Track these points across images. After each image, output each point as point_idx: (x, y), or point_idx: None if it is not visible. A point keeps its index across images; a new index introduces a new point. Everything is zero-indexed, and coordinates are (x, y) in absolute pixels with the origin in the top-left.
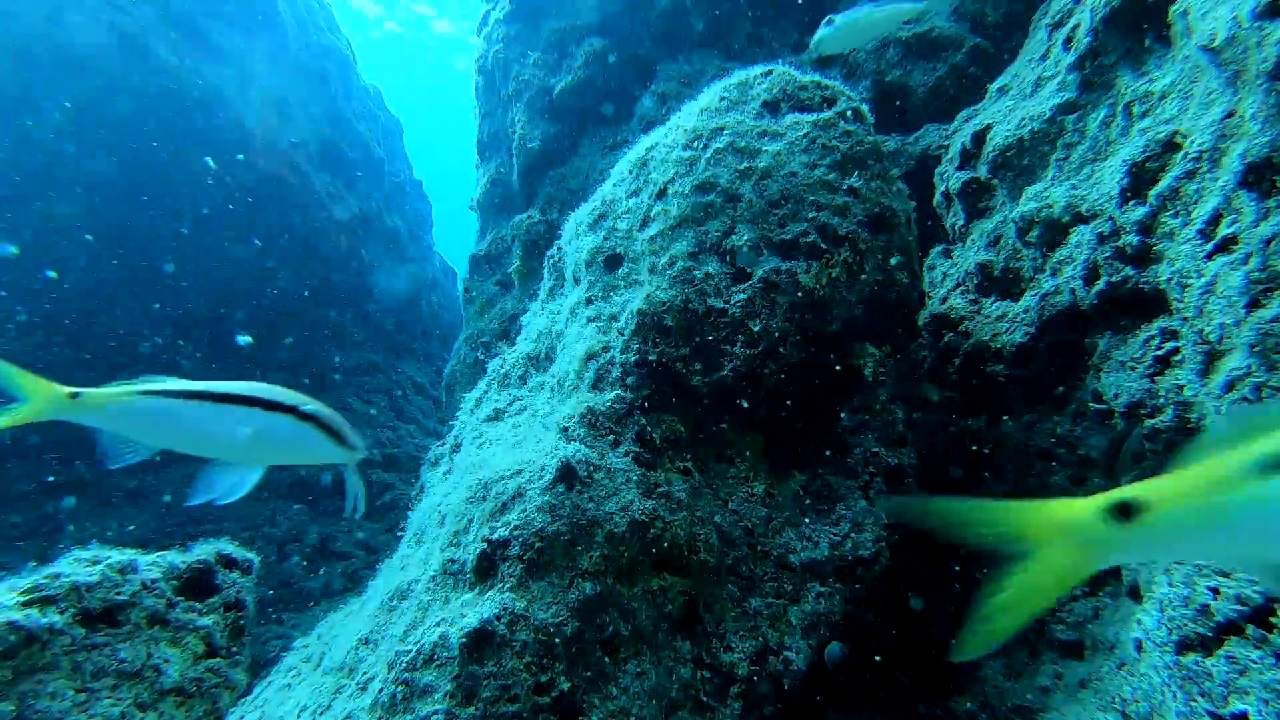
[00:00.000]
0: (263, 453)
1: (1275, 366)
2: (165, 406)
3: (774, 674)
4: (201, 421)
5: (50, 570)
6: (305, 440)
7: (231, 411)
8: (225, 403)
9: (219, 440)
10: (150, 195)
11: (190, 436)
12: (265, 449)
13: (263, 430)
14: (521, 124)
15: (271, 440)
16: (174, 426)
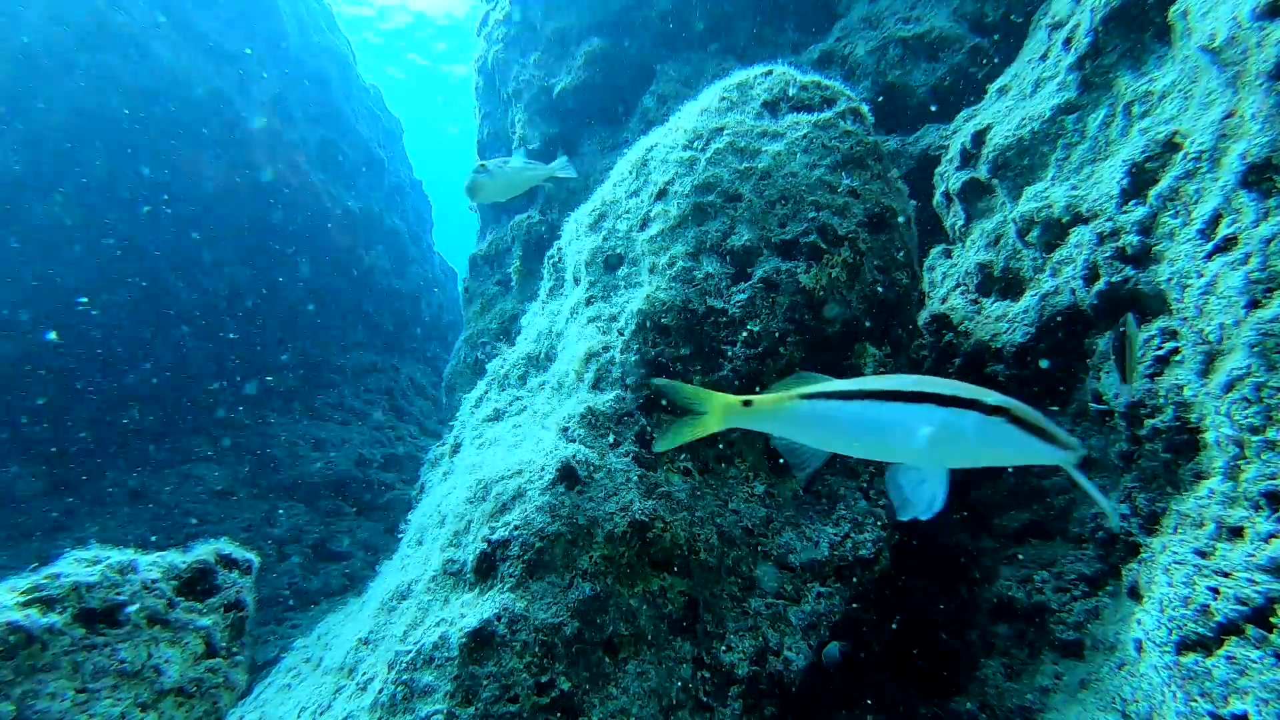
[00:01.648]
0: (946, 454)
1: (1275, 366)
2: (831, 410)
3: (774, 674)
4: (872, 423)
5: (50, 570)
6: (998, 439)
7: (904, 410)
8: (896, 400)
9: (893, 443)
10: (149, 195)
11: (860, 440)
12: (948, 450)
13: (943, 429)
14: (521, 124)
15: (956, 440)
16: (842, 430)
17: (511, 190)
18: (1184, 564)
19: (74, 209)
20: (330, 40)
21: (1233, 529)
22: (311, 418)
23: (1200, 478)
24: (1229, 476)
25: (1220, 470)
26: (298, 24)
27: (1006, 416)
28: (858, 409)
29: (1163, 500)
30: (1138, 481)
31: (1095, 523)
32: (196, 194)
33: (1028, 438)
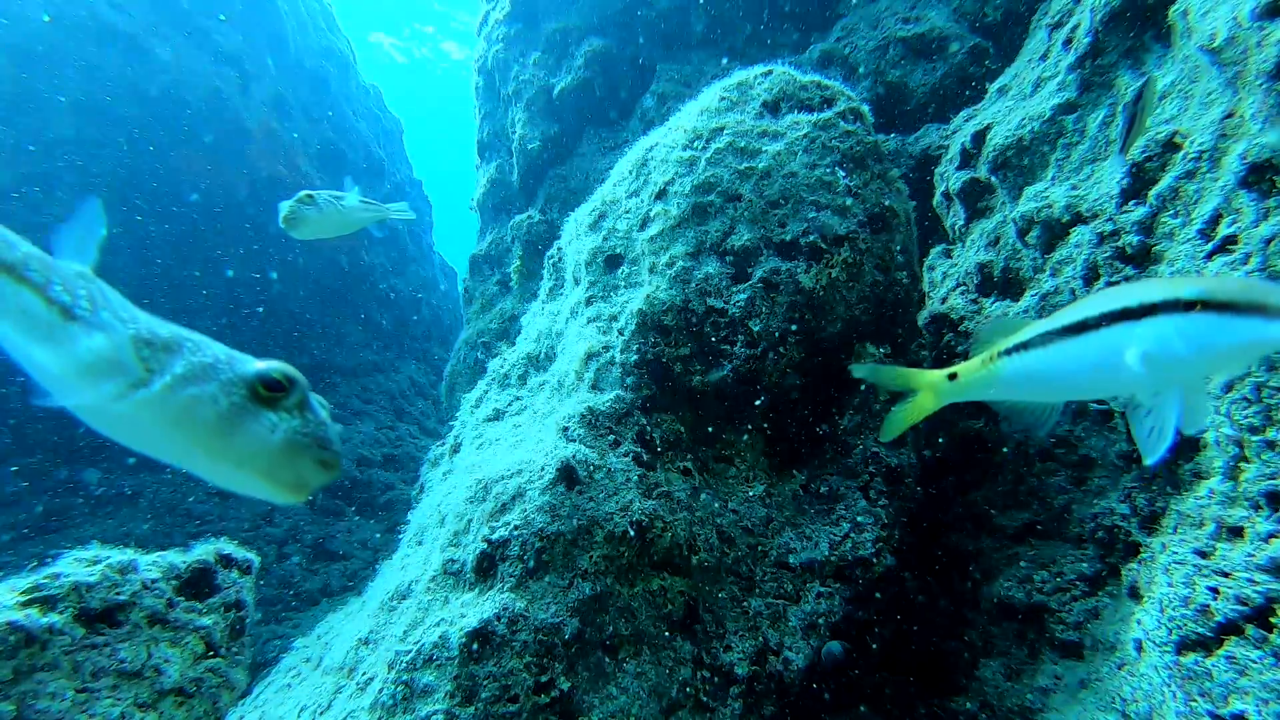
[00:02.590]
0: (1167, 371)
1: (1275, 366)
2: (1034, 362)
3: (774, 674)
4: (1080, 363)
5: (50, 570)
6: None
7: (1106, 337)
8: (1086, 331)
9: (1110, 378)
10: (148, 196)
11: (1074, 385)
12: (1167, 366)
13: (1155, 344)
14: (521, 124)
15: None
16: (1050, 381)
17: (339, 229)
18: (1184, 564)
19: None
20: (330, 40)
21: (1233, 529)
22: None
23: (1200, 478)
24: (1229, 476)
25: (1220, 470)
26: (298, 24)
27: (1202, 307)
28: (1065, 350)
29: (1163, 500)
30: (1138, 481)
31: (1095, 523)
32: (196, 194)
33: (1235, 321)
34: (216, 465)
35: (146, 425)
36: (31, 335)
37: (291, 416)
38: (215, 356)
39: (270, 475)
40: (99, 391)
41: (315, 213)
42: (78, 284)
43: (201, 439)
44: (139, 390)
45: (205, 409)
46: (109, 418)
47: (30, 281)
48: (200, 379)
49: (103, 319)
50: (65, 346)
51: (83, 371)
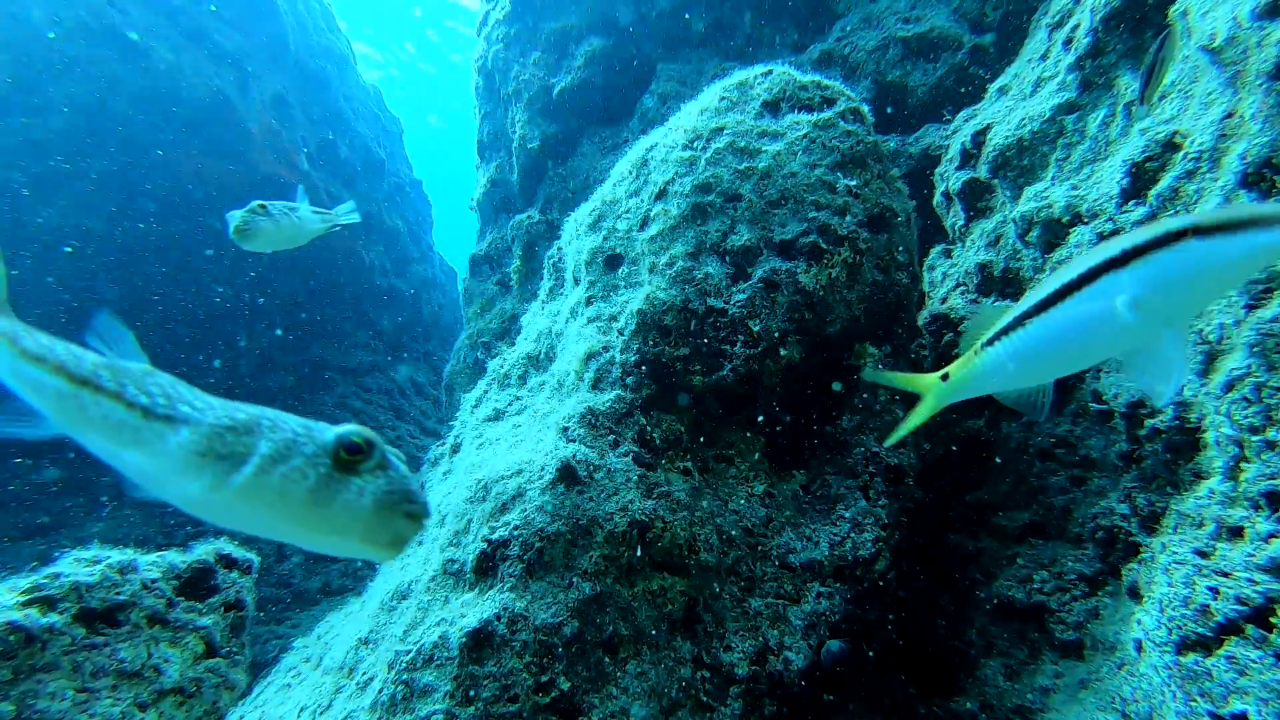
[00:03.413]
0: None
1: (1275, 366)
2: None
3: (774, 674)
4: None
5: (50, 570)
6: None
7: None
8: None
9: (1104, 336)
10: (148, 196)
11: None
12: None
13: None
14: (521, 124)
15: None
16: (1044, 357)
17: (292, 242)
18: (1184, 564)
19: (73, 209)
20: (330, 40)
21: (1233, 529)
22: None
23: (1200, 478)
24: (1229, 476)
25: (1220, 470)
26: (297, 24)
27: (1193, 234)
28: (1045, 324)
29: (1163, 500)
30: (1138, 481)
31: (1095, 523)
32: (196, 194)
33: (1230, 239)
34: (314, 536)
35: (243, 509)
36: (118, 440)
37: (375, 477)
38: (294, 430)
39: (367, 538)
40: (194, 484)
41: (269, 224)
42: (148, 382)
43: (296, 514)
44: (232, 476)
45: (296, 485)
46: (206, 506)
47: (106, 389)
48: (286, 456)
49: (182, 412)
50: (153, 445)
51: (175, 467)
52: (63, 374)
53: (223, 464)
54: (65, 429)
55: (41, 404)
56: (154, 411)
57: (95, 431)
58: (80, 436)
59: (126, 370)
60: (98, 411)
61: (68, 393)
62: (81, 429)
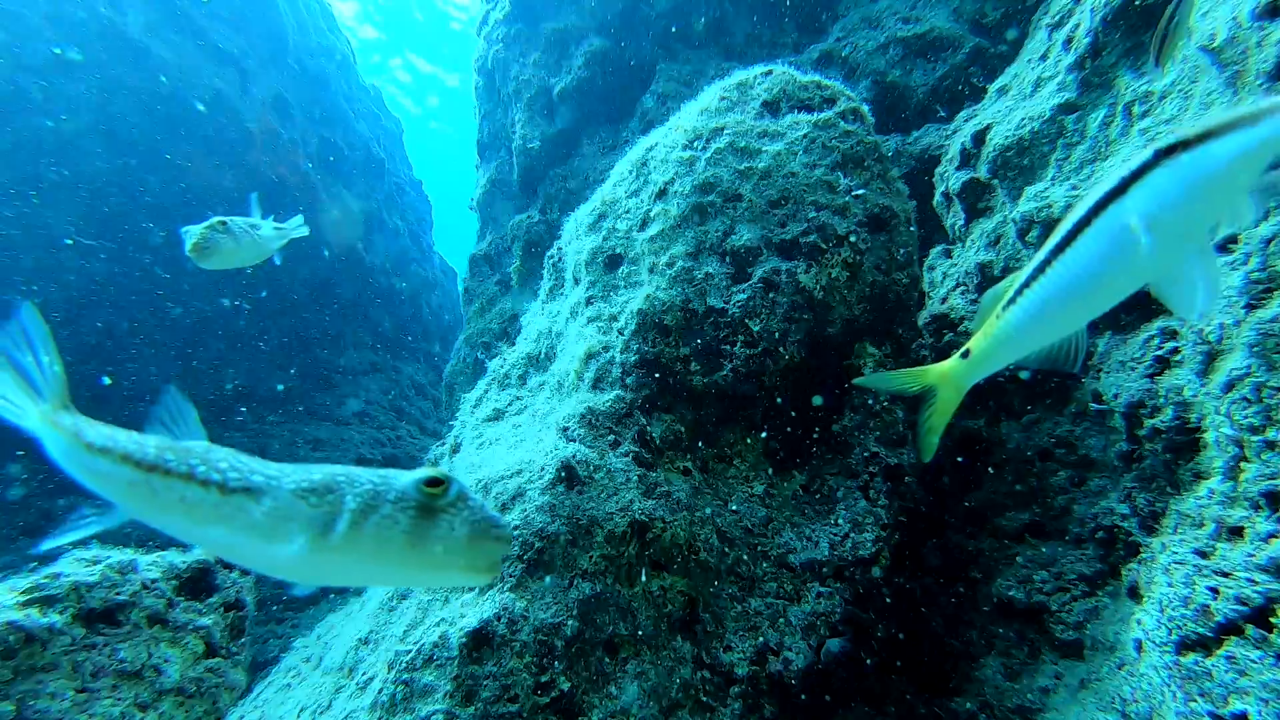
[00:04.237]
0: (1172, 231)
1: (1275, 366)
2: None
3: (774, 674)
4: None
5: (50, 570)
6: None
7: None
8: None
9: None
10: (148, 196)
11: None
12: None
13: (1145, 208)
14: (521, 124)
15: (1165, 209)
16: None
17: (252, 259)
18: (1184, 564)
19: (73, 210)
20: (330, 40)
21: (1233, 529)
22: (311, 417)
23: (1200, 478)
24: (1229, 476)
25: (1220, 470)
26: (297, 24)
27: (1181, 149)
28: (1063, 269)
29: (1163, 500)
30: (1138, 481)
31: (1095, 522)
32: (196, 194)
33: (1218, 143)
34: (416, 575)
35: (343, 563)
36: (197, 519)
37: (459, 510)
38: (370, 481)
39: (468, 566)
40: (287, 549)
41: (230, 242)
42: (214, 458)
43: (397, 558)
44: (327, 536)
45: (391, 531)
46: (303, 568)
47: (176, 472)
48: (374, 506)
49: (257, 483)
50: (236, 519)
51: (263, 537)
52: (129, 462)
53: (313, 525)
54: (139, 515)
55: (113, 494)
56: (229, 486)
57: (172, 514)
58: (156, 521)
59: (190, 450)
60: (171, 495)
61: (138, 480)
62: (156, 513)
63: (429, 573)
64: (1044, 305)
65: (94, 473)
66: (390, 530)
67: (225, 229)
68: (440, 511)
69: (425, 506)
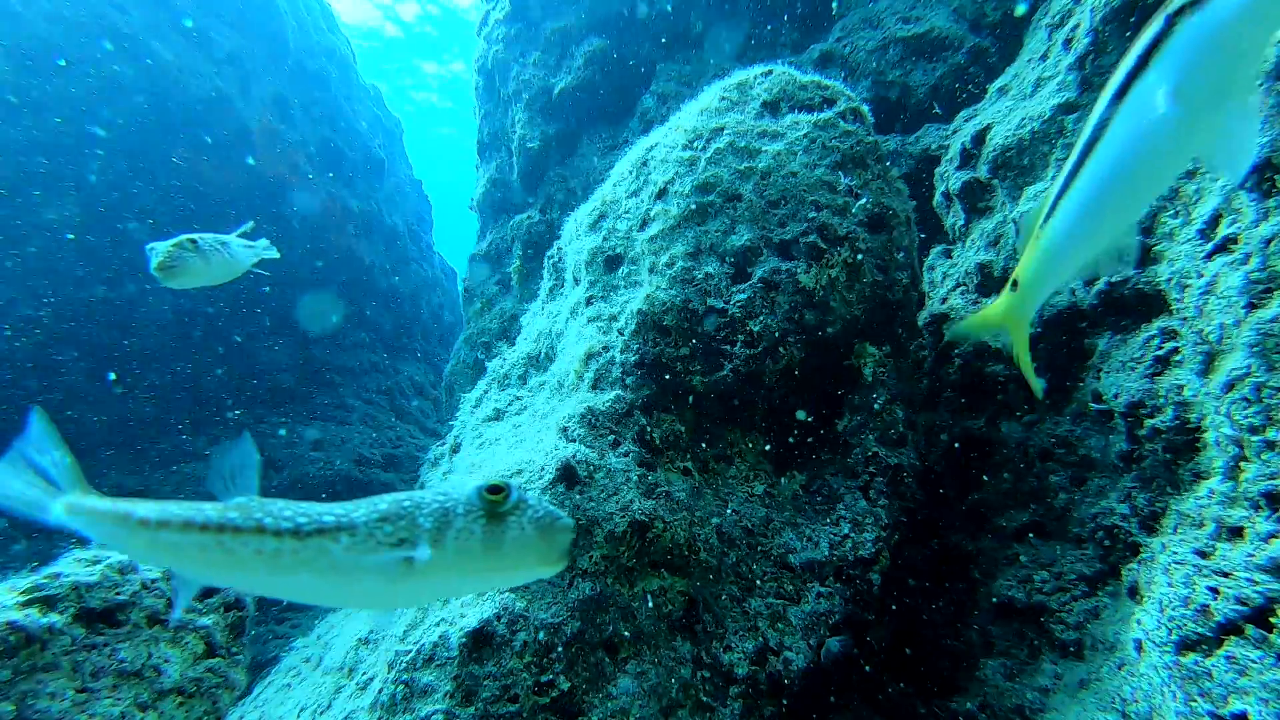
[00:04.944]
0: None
1: (1275, 366)
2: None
3: (774, 674)
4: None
5: (50, 570)
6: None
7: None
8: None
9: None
10: (148, 196)
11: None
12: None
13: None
14: (521, 124)
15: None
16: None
17: (220, 279)
18: (1184, 564)
19: (73, 210)
20: (330, 40)
21: (1233, 529)
22: (311, 417)
23: (1200, 478)
24: (1229, 476)
25: (1220, 470)
26: (298, 24)
27: (1189, 9)
28: (1099, 164)
29: (1163, 500)
30: (1138, 481)
31: (1095, 523)
32: (196, 194)
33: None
34: (500, 577)
35: (432, 582)
36: (278, 568)
37: (523, 510)
38: (435, 500)
39: (543, 560)
40: (374, 580)
41: (198, 261)
42: (273, 509)
43: (480, 566)
44: (410, 560)
45: (469, 543)
46: (399, 596)
47: (245, 528)
48: (448, 522)
49: (330, 523)
50: (318, 561)
51: (348, 573)
52: (194, 529)
53: (395, 553)
54: (213, 579)
55: (181, 563)
56: (304, 531)
57: (250, 570)
58: (232, 580)
59: (246, 505)
60: (247, 550)
61: (209, 543)
62: (232, 571)
63: (508, 573)
64: (1085, 209)
65: (157, 546)
66: (468, 541)
67: (194, 247)
68: (508, 515)
69: (493, 513)
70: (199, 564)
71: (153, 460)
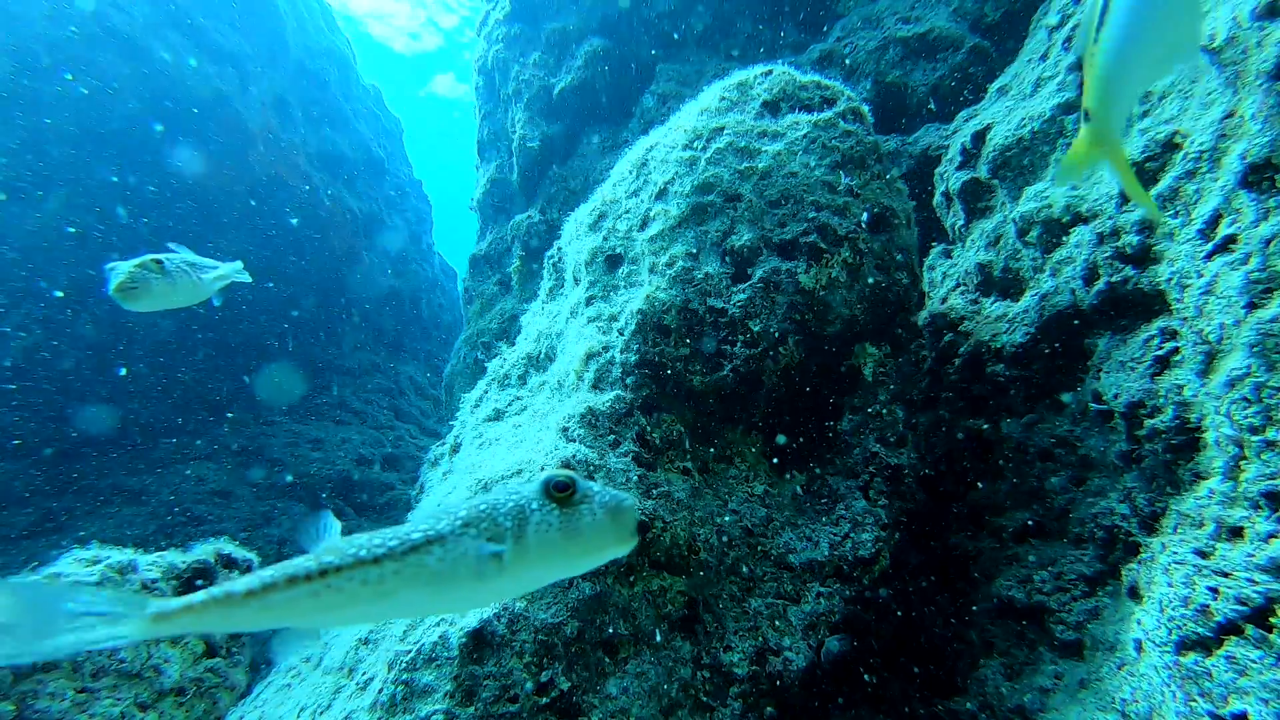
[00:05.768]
0: None
1: (1275, 366)
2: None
3: (774, 674)
4: None
5: (50, 570)
6: None
7: None
8: None
9: None
10: (148, 197)
11: None
12: None
13: None
14: (521, 124)
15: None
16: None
17: (185, 301)
18: (1184, 564)
19: (73, 210)
20: (330, 40)
21: (1233, 529)
22: (311, 417)
23: (1200, 478)
24: (1229, 476)
25: (1220, 470)
26: (297, 24)
27: None
28: None
29: (1163, 500)
30: (1138, 481)
31: (1095, 523)
32: (196, 195)
33: None
34: (579, 562)
35: (522, 576)
36: (383, 592)
37: (590, 496)
38: (508, 499)
39: (617, 540)
40: (471, 584)
41: (163, 284)
42: (357, 542)
43: (563, 553)
44: (500, 557)
45: (549, 534)
46: (495, 592)
47: (344, 566)
48: (525, 518)
49: (418, 539)
50: (418, 575)
51: (447, 582)
52: (300, 581)
53: (484, 552)
54: (330, 623)
55: (299, 616)
56: (398, 552)
57: (362, 602)
58: (347, 617)
59: (334, 548)
60: (353, 584)
61: (320, 588)
62: (347, 609)
63: (586, 557)
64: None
65: (270, 609)
66: (548, 532)
67: (159, 268)
68: (579, 503)
69: (565, 503)
70: (313, 611)
71: (155, 462)
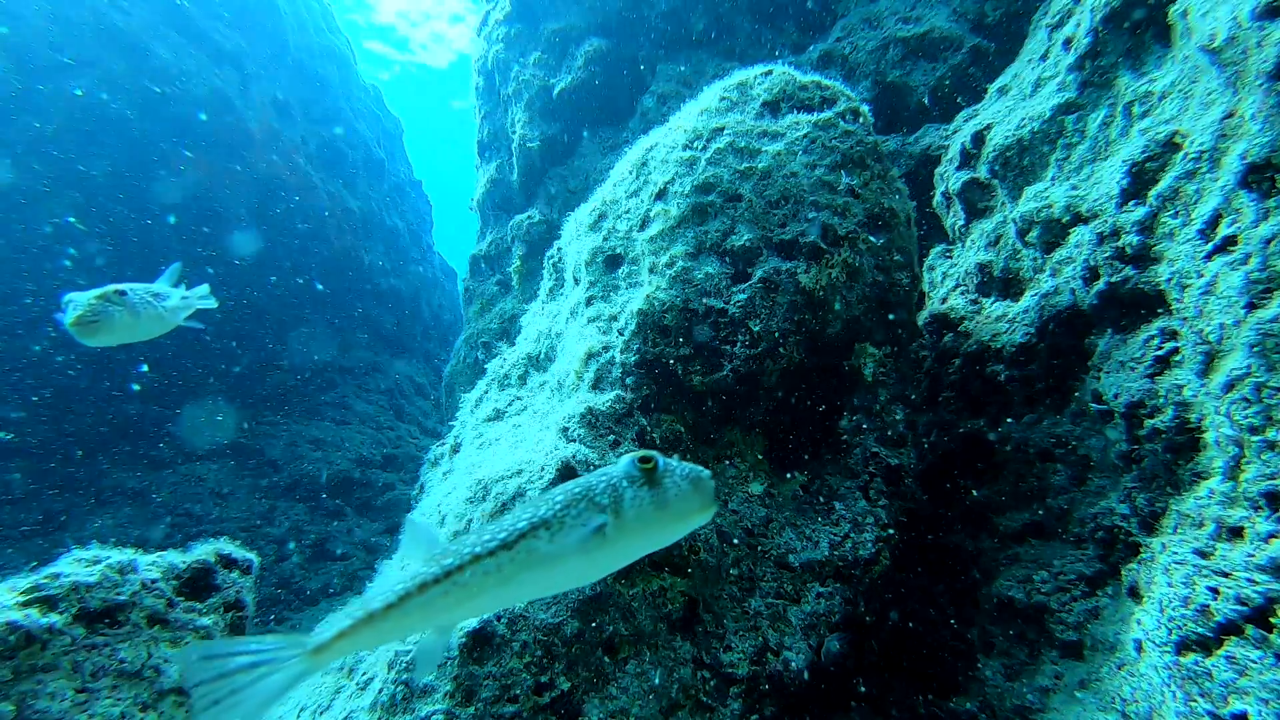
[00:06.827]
0: None
1: (1275, 366)
2: None
3: (774, 674)
4: None
5: (50, 570)
6: None
7: None
8: None
9: None
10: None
11: None
12: None
13: None
14: (521, 124)
15: None
16: None
17: (149, 333)
18: (1184, 564)
19: (74, 211)
20: (330, 40)
21: (1233, 529)
22: (311, 417)
23: (1200, 478)
24: (1229, 476)
25: (1220, 470)
26: (298, 24)
27: None
28: None
29: (1163, 500)
30: (1138, 481)
31: (1095, 523)
32: (196, 195)
33: None
34: (671, 530)
35: (623, 548)
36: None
37: (671, 470)
38: (601, 480)
39: (702, 508)
40: (580, 559)
41: (124, 315)
42: (472, 539)
43: (657, 524)
44: (603, 532)
45: (643, 508)
46: (601, 567)
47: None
48: (620, 495)
49: (523, 528)
50: (533, 559)
51: (558, 562)
52: (430, 586)
53: (589, 526)
54: (456, 617)
55: (430, 619)
56: (510, 541)
57: (484, 593)
58: (475, 608)
59: (448, 550)
60: (476, 578)
61: (449, 588)
62: (471, 602)
63: (677, 524)
64: None
65: (408, 617)
66: (642, 506)
67: (121, 299)
68: (663, 477)
69: (651, 478)
70: (446, 610)
71: (155, 461)
